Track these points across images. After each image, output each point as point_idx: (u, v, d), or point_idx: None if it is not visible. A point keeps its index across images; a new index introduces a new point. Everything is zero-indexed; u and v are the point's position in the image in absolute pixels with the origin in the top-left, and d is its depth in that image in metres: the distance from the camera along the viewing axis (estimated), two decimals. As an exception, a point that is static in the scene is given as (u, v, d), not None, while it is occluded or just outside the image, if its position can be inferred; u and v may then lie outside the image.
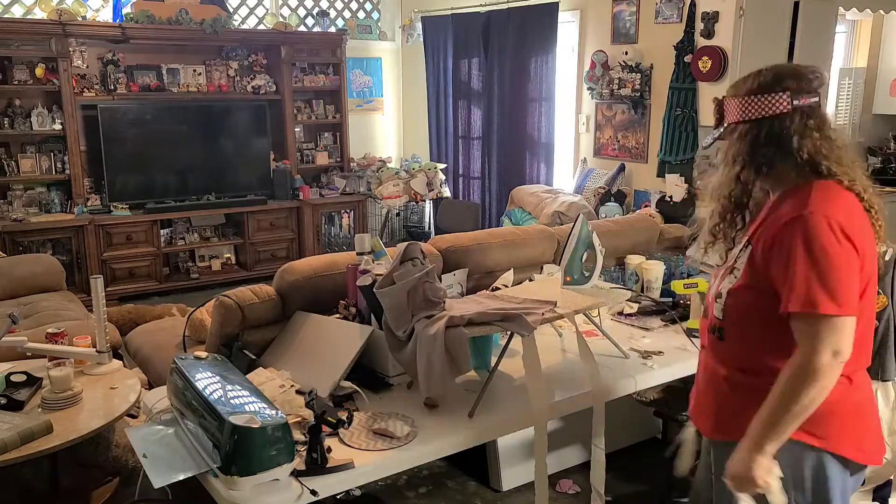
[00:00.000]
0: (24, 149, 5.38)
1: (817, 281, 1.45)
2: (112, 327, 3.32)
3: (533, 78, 5.81)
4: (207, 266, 6.08)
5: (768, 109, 1.57)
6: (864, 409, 1.62)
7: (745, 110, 1.59)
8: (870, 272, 1.54)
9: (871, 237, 1.56)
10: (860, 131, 6.11)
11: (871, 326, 1.60)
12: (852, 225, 1.49)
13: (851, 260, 1.47)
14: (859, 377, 1.60)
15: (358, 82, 7.02)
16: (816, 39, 4.74)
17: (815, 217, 1.47)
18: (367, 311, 2.29)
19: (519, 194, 5.69)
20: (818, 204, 1.50)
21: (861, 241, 1.50)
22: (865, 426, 1.62)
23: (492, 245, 3.02)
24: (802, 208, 1.50)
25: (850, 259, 1.47)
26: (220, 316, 2.43)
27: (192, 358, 2.05)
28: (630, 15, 5.14)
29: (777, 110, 1.56)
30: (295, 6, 6.69)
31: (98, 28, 5.43)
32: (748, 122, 1.59)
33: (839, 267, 1.45)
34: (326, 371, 2.16)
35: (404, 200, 6.67)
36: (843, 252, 1.46)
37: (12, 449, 2.08)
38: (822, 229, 1.46)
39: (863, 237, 1.51)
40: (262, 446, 1.63)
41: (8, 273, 4.04)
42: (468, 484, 2.97)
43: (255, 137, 6.18)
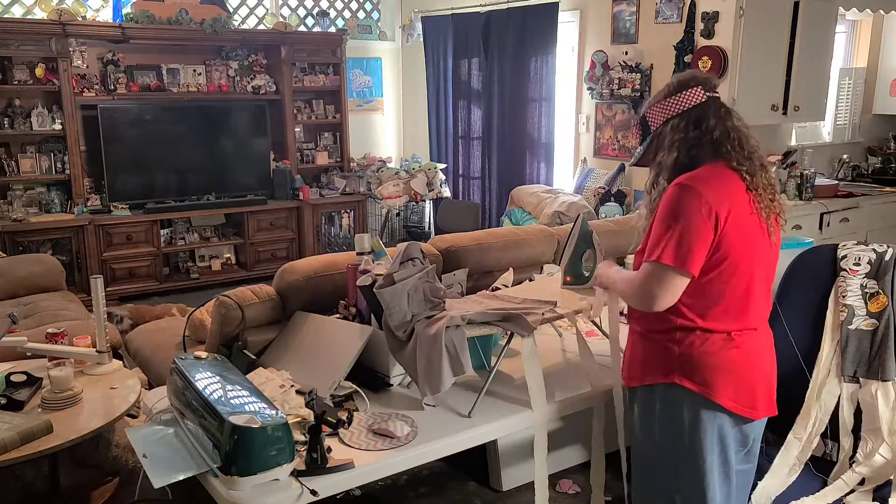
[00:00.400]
0: (24, 149, 5.37)
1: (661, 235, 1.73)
2: (112, 327, 3.32)
3: (533, 78, 5.81)
4: (207, 266, 6.08)
5: (688, 102, 1.83)
6: (742, 365, 1.79)
7: (669, 109, 1.85)
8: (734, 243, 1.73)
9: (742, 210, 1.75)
10: (860, 131, 6.11)
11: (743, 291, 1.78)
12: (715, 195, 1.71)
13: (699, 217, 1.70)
14: (742, 337, 1.79)
15: (358, 82, 7.02)
16: (816, 39, 4.74)
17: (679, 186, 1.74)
18: (367, 311, 2.29)
19: (519, 194, 5.69)
20: (691, 177, 1.76)
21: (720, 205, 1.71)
22: (743, 380, 1.79)
23: (492, 245, 3.02)
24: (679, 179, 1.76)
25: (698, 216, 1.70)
26: (220, 316, 2.43)
27: (192, 358, 2.05)
28: (630, 15, 5.14)
29: (695, 101, 1.83)
30: (295, 6, 6.69)
31: (98, 28, 5.43)
32: (675, 117, 1.84)
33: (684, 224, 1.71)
34: (326, 371, 2.16)
35: (404, 200, 6.67)
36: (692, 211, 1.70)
37: (12, 449, 2.08)
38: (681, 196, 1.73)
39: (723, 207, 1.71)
40: (262, 446, 1.63)
41: (8, 273, 4.05)
42: (468, 484, 2.97)
43: (255, 137, 6.18)
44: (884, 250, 2.23)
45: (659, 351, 1.84)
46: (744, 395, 1.79)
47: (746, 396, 1.80)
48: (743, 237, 1.75)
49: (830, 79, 5.20)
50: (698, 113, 1.82)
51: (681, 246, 1.71)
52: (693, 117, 1.82)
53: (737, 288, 1.77)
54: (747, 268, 1.77)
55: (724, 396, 1.77)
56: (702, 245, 1.71)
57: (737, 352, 1.79)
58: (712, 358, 1.77)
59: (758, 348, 1.83)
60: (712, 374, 1.78)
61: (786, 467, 2.15)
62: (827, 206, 4.75)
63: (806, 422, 2.20)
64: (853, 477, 2.12)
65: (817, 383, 2.22)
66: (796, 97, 4.74)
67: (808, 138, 5.71)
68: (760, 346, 1.84)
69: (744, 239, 1.75)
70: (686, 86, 1.85)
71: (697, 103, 1.83)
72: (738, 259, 1.75)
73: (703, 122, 1.81)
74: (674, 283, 1.73)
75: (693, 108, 1.83)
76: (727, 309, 1.77)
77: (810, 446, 2.19)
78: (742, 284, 1.77)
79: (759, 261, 1.79)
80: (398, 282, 2.10)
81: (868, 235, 4.89)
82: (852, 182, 5.55)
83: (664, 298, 1.75)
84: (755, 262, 1.78)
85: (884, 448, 2.11)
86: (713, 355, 1.77)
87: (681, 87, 1.85)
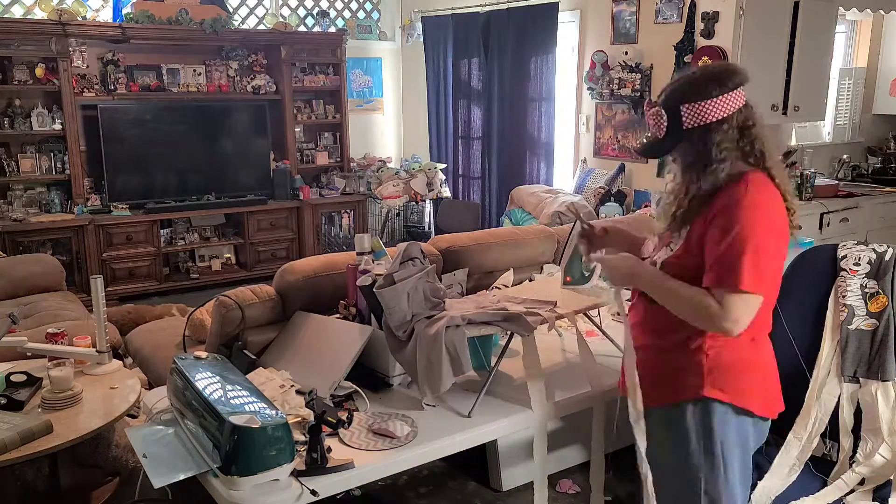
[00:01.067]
0: (24, 149, 5.37)
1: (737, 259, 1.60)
2: (112, 327, 3.32)
3: (533, 78, 5.81)
4: (207, 266, 6.07)
5: (734, 105, 1.67)
6: (766, 366, 1.80)
7: (715, 111, 1.65)
8: (784, 254, 1.70)
9: (787, 223, 1.70)
10: (860, 131, 6.11)
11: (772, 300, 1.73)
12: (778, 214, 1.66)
13: (779, 246, 1.65)
14: (763, 338, 1.78)
15: (358, 82, 7.02)
16: (816, 39, 4.74)
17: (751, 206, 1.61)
18: (367, 311, 2.29)
19: (519, 194, 5.69)
20: (754, 195, 1.62)
21: (784, 228, 1.67)
22: (767, 382, 1.79)
23: (492, 245, 3.02)
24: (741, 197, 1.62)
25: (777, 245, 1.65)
26: (220, 316, 2.43)
27: (192, 358, 2.05)
28: (630, 15, 5.14)
29: (740, 103, 1.68)
30: (295, 6, 6.69)
31: (98, 28, 5.43)
32: (722, 121, 1.66)
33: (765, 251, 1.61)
34: (326, 371, 2.16)
35: (404, 200, 6.67)
36: (772, 239, 1.63)
37: (12, 449, 2.08)
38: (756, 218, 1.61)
39: (784, 224, 1.67)
40: (262, 446, 1.63)
41: (8, 273, 4.05)
42: (468, 484, 2.97)
43: (255, 137, 6.18)
44: (884, 250, 2.23)
45: (684, 365, 1.74)
46: (769, 396, 1.80)
47: (771, 397, 1.80)
48: (782, 256, 1.71)
49: (830, 79, 5.20)
50: (741, 119, 1.67)
51: (761, 271, 1.61)
52: (738, 123, 1.67)
53: (773, 298, 1.73)
54: (778, 277, 1.74)
55: (753, 402, 1.75)
56: (778, 268, 1.68)
57: (759, 354, 1.77)
58: (741, 364, 1.73)
59: (772, 348, 1.83)
60: (742, 381, 1.73)
61: (786, 467, 2.15)
62: (827, 206, 4.75)
63: (806, 422, 2.20)
64: (853, 477, 2.12)
65: (817, 383, 2.22)
66: (796, 97, 4.74)
67: (808, 138, 5.72)
68: (772, 345, 1.84)
69: (782, 257, 1.72)
70: (728, 84, 1.66)
71: (741, 106, 1.68)
72: (778, 275, 1.73)
73: (746, 132, 1.68)
74: (754, 307, 1.64)
75: (737, 112, 1.67)
76: (765, 313, 1.72)
77: (810, 446, 2.19)
78: (774, 294, 1.74)
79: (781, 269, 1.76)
80: (398, 282, 2.10)
81: (868, 235, 4.89)
82: (852, 182, 5.55)
83: (745, 324, 1.65)
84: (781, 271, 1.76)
85: (884, 448, 2.11)
86: (741, 361, 1.73)
87: (728, 84, 1.66)
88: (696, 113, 1.66)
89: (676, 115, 1.68)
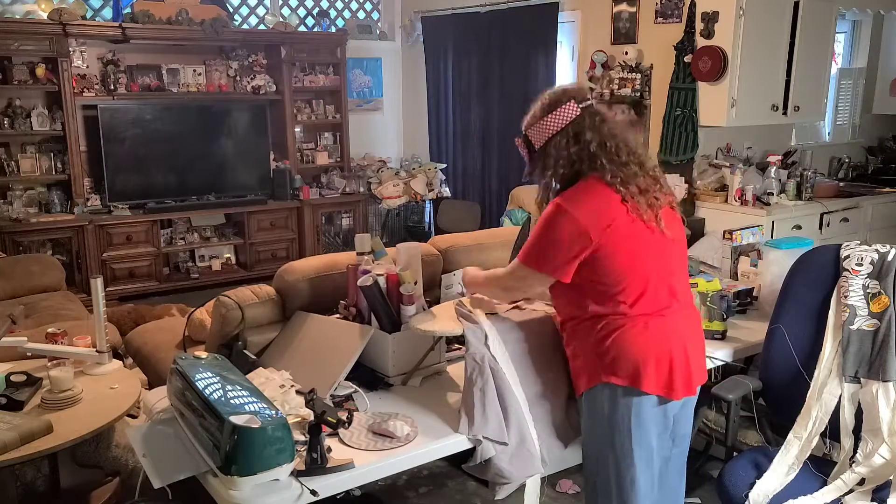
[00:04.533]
0: (24, 149, 5.37)
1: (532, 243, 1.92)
2: (112, 327, 3.32)
3: (533, 78, 5.80)
4: (207, 266, 6.08)
5: (565, 118, 1.92)
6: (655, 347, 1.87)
7: (548, 128, 1.94)
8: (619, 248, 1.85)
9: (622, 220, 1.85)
10: (860, 131, 6.11)
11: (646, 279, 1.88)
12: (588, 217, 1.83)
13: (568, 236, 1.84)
14: (654, 324, 1.88)
15: (358, 82, 7.02)
16: (816, 39, 4.74)
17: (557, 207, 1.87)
18: (367, 311, 2.29)
19: (519, 194, 5.68)
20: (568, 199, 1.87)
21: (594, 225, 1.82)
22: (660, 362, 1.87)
23: (492, 245, 3.02)
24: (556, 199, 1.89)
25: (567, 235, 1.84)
26: (220, 316, 2.43)
27: (192, 358, 2.04)
28: (630, 15, 5.13)
29: (571, 116, 1.92)
30: (295, 6, 6.69)
31: (98, 28, 5.43)
32: (556, 135, 1.93)
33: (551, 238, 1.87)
34: (326, 371, 2.16)
35: (404, 200, 6.67)
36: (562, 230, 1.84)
37: (12, 449, 2.08)
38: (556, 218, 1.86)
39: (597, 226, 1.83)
40: (262, 446, 1.63)
41: (8, 273, 4.05)
42: (468, 484, 2.97)
43: (255, 137, 6.18)
44: (886, 250, 2.23)
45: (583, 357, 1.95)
46: (662, 376, 1.87)
47: (666, 377, 1.87)
48: (627, 240, 1.85)
49: (830, 79, 5.20)
50: (576, 128, 1.91)
51: (543, 254, 1.89)
52: (571, 133, 1.91)
53: (635, 282, 1.87)
54: (642, 268, 1.87)
55: (646, 382, 1.86)
56: (566, 258, 1.86)
57: (649, 334, 1.87)
58: (630, 346, 1.86)
59: (669, 331, 1.90)
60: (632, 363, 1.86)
61: (785, 466, 2.15)
62: (827, 207, 4.75)
63: (806, 421, 2.20)
64: (852, 477, 2.12)
65: (818, 383, 2.22)
66: (796, 97, 4.74)
67: (808, 138, 5.71)
68: (673, 328, 1.91)
69: (629, 241, 1.86)
70: (559, 102, 1.94)
71: (573, 118, 1.92)
72: (628, 263, 1.86)
73: (580, 137, 1.90)
74: (531, 280, 1.96)
75: (570, 123, 1.92)
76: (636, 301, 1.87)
77: (810, 446, 2.19)
78: (640, 278, 1.87)
79: (654, 257, 1.89)
80: None
81: (868, 236, 4.89)
82: (852, 182, 5.55)
83: (519, 294, 2.09)
84: (650, 260, 1.88)
85: (884, 448, 2.11)
86: (631, 343, 1.86)
87: (555, 103, 1.94)
88: (537, 133, 1.97)
89: (528, 140, 2.00)
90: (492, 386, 1.97)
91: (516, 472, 1.95)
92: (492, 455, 1.92)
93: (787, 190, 4.69)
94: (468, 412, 1.94)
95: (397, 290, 2.21)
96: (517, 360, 2.05)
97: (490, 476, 1.95)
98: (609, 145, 1.89)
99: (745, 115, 4.54)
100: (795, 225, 4.59)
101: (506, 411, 1.96)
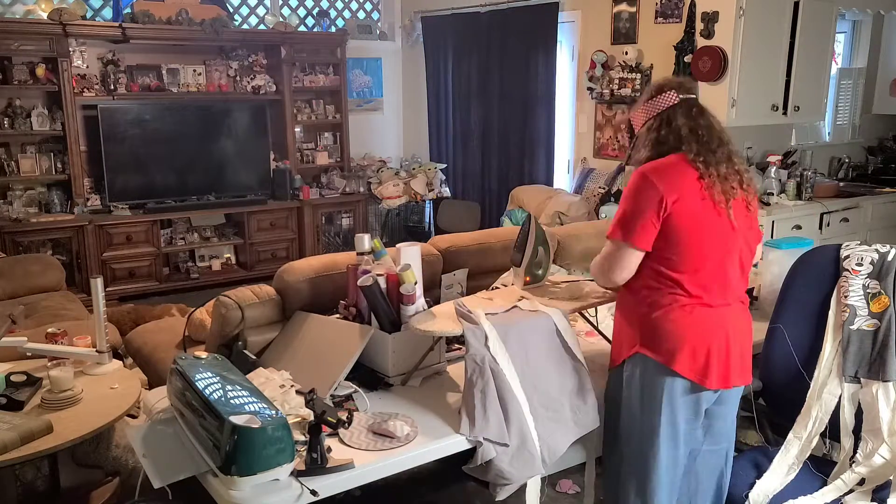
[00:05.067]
0: (24, 149, 5.37)
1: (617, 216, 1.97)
2: (112, 327, 3.32)
3: (533, 78, 5.81)
4: (207, 266, 6.07)
5: (663, 104, 2.03)
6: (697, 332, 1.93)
7: (648, 112, 2.06)
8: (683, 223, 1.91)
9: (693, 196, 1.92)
10: (860, 131, 6.11)
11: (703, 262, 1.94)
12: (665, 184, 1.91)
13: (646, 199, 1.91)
14: (700, 311, 1.94)
15: (358, 82, 7.02)
16: (816, 39, 4.74)
17: (637, 174, 1.96)
18: (367, 311, 2.29)
19: (519, 194, 5.69)
20: (648, 167, 1.97)
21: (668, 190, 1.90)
22: (698, 348, 1.93)
23: (492, 245, 3.02)
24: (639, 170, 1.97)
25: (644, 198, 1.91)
26: (220, 316, 2.43)
27: (192, 358, 2.04)
28: (630, 15, 5.13)
29: (669, 103, 2.02)
30: (295, 6, 6.69)
31: (98, 28, 5.43)
32: (652, 118, 2.04)
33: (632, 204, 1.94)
34: (326, 371, 2.16)
35: (404, 200, 6.67)
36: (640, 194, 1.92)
37: (12, 449, 2.08)
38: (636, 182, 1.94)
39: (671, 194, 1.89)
40: (262, 446, 1.63)
41: (8, 273, 4.04)
42: (468, 484, 2.97)
43: (255, 137, 6.18)
44: (886, 250, 2.23)
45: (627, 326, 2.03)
46: (697, 363, 1.92)
47: (702, 364, 1.92)
48: (693, 219, 1.92)
49: (830, 79, 5.20)
50: (671, 114, 2.02)
51: (627, 224, 1.93)
52: (665, 118, 2.02)
53: (691, 259, 1.93)
54: (700, 245, 1.93)
55: (680, 364, 1.92)
56: (647, 223, 1.91)
57: (693, 319, 1.93)
58: (672, 326, 1.93)
59: (714, 322, 1.95)
60: (670, 343, 1.93)
61: (785, 466, 2.15)
62: (827, 206, 4.75)
63: (806, 421, 2.20)
64: (852, 477, 2.12)
65: (818, 383, 2.22)
66: (796, 97, 4.74)
67: (808, 138, 5.71)
68: (718, 320, 1.96)
69: (695, 217, 1.92)
70: (661, 90, 2.05)
71: (671, 105, 2.02)
72: (689, 236, 1.92)
73: (672, 122, 2.01)
74: (625, 256, 1.96)
75: (667, 109, 2.02)
76: (689, 280, 1.93)
77: (810, 446, 2.19)
78: (697, 256, 1.93)
79: (715, 240, 1.94)
80: None
81: (868, 236, 4.90)
82: (852, 182, 5.55)
83: (617, 272, 1.99)
84: (710, 241, 1.94)
85: (884, 449, 2.11)
86: (673, 323, 1.93)
87: (657, 91, 2.05)
88: (637, 117, 2.10)
89: (629, 124, 2.15)
90: (492, 387, 1.96)
91: (517, 473, 1.95)
92: (492, 456, 1.92)
93: (787, 190, 4.69)
94: (469, 413, 1.94)
95: (397, 290, 2.21)
96: (517, 360, 2.05)
97: (491, 477, 1.95)
98: (701, 133, 1.98)
99: (745, 115, 4.55)
100: (795, 225, 4.59)
101: (506, 412, 1.96)
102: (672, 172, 1.94)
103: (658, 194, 1.90)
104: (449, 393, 2.17)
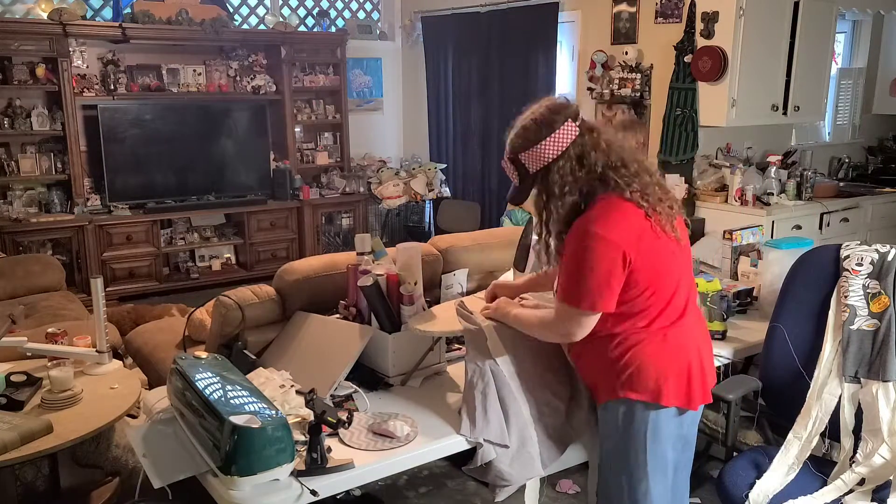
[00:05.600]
0: (24, 149, 5.37)
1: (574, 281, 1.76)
2: (112, 327, 3.32)
3: (533, 78, 5.81)
4: (207, 266, 6.07)
5: (565, 141, 1.78)
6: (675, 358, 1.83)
7: (547, 152, 1.79)
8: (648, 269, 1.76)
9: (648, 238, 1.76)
10: (860, 131, 6.11)
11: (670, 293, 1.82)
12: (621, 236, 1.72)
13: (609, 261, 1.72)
14: (671, 333, 1.83)
15: (358, 82, 7.02)
16: (816, 39, 4.75)
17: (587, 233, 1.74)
18: (367, 311, 2.29)
19: (519, 194, 5.68)
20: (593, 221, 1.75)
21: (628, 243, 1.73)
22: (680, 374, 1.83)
23: (492, 245, 3.02)
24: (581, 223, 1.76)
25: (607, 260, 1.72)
26: (220, 316, 2.43)
27: (192, 358, 2.04)
28: (630, 15, 5.13)
29: (571, 137, 1.78)
30: (295, 6, 6.69)
31: (98, 28, 5.43)
32: (556, 160, 1.78)
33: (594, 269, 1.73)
34: (326, 371, 2.16)
35: (404, 200, 6.67)
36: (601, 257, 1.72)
37: (12, 449, 2.08)
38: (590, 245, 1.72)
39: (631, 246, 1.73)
40: (262, 446, 1.63)
41: (8, 273, 4.04)
42: (468, 484, 2.97)
43: (255, 137, 6.18)
44: (886, 250, 2.23)
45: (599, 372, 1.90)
46: (681, 388, 1.83)
47: (683, 390, 1.84)
48: (653, 256, 1.78)
49: (830, 79, 5.20)
50: (577, 150, 1.79)
51: (592, 292, 1.75)
52: (574, 155, 1.79)
53: (660, 299, 1.81)
54: (662, 279, 1.81)
55: (666, 397, 1.81)
56: (615, 285, 1.75)
57: (667, 345, 1.82)
58: (650, 361, 1.81)
59: (686, 339, 1.86)
60: (653, 379, 1.81)
61: (785, 466, 2.15)
62: (827, 207, 4.75)
63: (806, 421, 2.20)
64: (852, 477, 2.12)
65: (818, 383, 2.22)
66: (796, 97, 4.74)
67: (808, 138, 5.72)
68: (688, 335, 1.87)
69: (656, 261, 1.78)
70: (554, 123, 1.79)
71: (574, 139, 1.79)
72: (653, 277, 1.78)
73: (584, 159, 1.79)
74: (588, 321, 1.81)
75: (571, 145, 1.79)
76: (655, 311, 1.81)
77: (809, 446, 2.19)
78: (665, 294, 1.82)
79: (673, 266, 1.83)
80: None
81: (868, 235, 4.90)
82: (852, 182, 5.55)
83: (576, 334, 1.83)
84: (669, 271, 1.82)
85: (884, 449, 2.11)
86: (651, 357, 1.81)
87: (549, 126, 1.79)
88: (533, 158, 1.80)
89: (520, 163, 1.83)
90: (493, 388, 1.96)
91: (517, 474, 1.95)
92: (492, 458, 1.92)
93: (787, 190, 4.69)
94: (469, 415, 1.94)
95: (397, 290, 2.21)
96: (518, 361, 2.05)
97: (490, 478, 1.95)
98: (615, 162, 1.79)
99: (745, 115, 4.55)
100: (795, 225, 4.60)
101: (507, 413, 1.96)
102: (623, 223, 1.75)
103: (619, 252, 1.72)
104: (449, 393, 2.17)
